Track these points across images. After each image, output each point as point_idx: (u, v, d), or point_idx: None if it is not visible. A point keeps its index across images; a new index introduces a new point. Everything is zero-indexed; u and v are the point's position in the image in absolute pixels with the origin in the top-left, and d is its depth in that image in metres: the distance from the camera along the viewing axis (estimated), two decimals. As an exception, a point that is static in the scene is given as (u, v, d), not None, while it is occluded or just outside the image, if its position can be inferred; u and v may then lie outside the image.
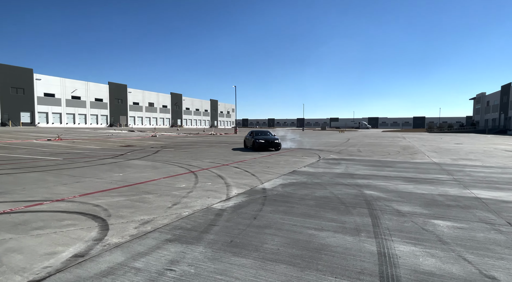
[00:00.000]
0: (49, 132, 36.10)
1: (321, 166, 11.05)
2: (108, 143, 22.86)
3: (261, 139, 17.58)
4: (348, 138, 35.03)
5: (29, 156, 13.28)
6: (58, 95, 65.31)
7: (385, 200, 5.87)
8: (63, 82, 66.78)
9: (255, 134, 19.13)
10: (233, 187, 7.07)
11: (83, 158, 13.05)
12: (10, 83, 56.35)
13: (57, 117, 65.82)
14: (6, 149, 16.18)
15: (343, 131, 72.67)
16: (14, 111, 57.38)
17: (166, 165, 11.03)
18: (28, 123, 59.52)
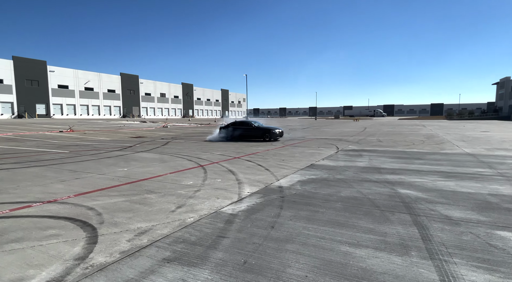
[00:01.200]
0: (62, 123, 36.28)
1: (341, 159, 10.09)
2: (119, 134, 22.51)
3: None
4: (364, 127, 33.58)
5: (36, 149, 12.90)
6: (71, 86, 65.84)
7: (427, 202, 4.92)
8: (76, 73, 67.18)
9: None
10: (246, 184, 6.27)
11: (90, 150, 12.56)
12: (25, 75, 57.04)
13: (71, 108, 66.57)
14: (16, 142, 15.95)
15: (357, 119, 70.48)
16: (30, 103, 58.27)
17: (175, 158, 10.34)
18: (44, 114, 60.44)
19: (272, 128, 16.99)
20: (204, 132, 25.54)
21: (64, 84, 64.32)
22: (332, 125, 41.17)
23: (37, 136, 19.57)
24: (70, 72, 65.90)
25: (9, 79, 55.02)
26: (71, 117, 64.58)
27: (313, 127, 34.48)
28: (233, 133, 17.45)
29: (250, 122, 18.05)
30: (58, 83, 63.03)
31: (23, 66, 56.76)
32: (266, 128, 17.01)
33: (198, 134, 23.14)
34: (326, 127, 33.51)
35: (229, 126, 17.90)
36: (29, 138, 18.20)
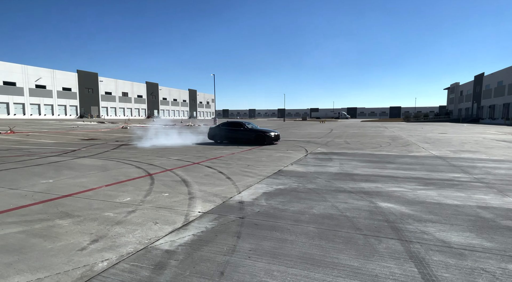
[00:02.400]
0: (5, 124, 32.08)
1: (311, 163, 9.23)
2: (68, 137, 19.99)
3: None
4: (331, 129, 33.71)
5: None
6: (19, 83, 59.63)
7: (415, 221, 4.09)
8: (25, 69, 60.97)
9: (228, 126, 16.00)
10: (199, 200, 5.06)
11: (20, 156, 10.50)
12: (-40, 69, 50.42)
13: (20, 107, 60.25)
14: None
15: (323, 121, 71.78)
16: (-32, 102, 51.57)
17: (121, 165, 8.79)
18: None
19: (267, 131, 15.37)
20: (168, 133, 23.69)
21: (11, 80, 58.00)
22: (300, 126, 41.07)
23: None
24: (18, 68, 59.66)
25: None
26: (19, 117, 58.30)
27: (282, 128, 33.94)
28: (224, 135, 15.73)
29: (243, 123, 16.12)
30: (3, 80, 56.68)
31: (-43, 59, 50.05)
32: (261, 131, 15.27)
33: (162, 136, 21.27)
34: (294, 129, 33.12)
35: (219, 126, 16.19)
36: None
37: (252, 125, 16.20)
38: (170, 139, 18.08)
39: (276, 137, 15.54)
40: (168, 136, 20.71)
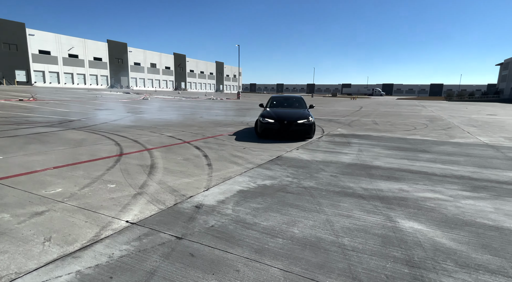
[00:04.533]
0: (37, 91, 33.03)
1: (322, 148, 7.53)
2: (86, 106, 19.65)
3: (273, 116, 8.81)
4: (360, 106, 30.84)
5: None
6: (54, 52, 61.28)
7: (459, 265, 2.42)
8: (59, 38, 62.28)
9: (271, 104, 10.36)
10: (144, 199, 3.73)
11: (9, 124, 9.85)
12: (2, 38, 52.33)
13: (55, 76, 62.45)
14: None
15: (355, 98, 67.10)
16: (9, 69, 54.09)
17: (102, 140, 7.72)
18: (24, 82, 56.51)
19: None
20: (182, 107, 22.69)
21: (45, 49, 59.70)
22: (328, 103, 38.33)
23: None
24: (52, 37, 60.99)
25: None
26: (54, 85, 60.69)
27: (306, 104, 31.75)
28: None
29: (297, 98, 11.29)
30: (38, 48, 58.40)
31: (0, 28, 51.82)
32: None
33: (173, 108, 20.34)
34: (319, 105, 30.71)
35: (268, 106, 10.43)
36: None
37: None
38: (181, 113, 16.97)
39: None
40: (181, 109, 19.64)
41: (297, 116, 8.74)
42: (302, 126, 8.52)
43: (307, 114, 8.95)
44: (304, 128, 8.56)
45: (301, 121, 8.54)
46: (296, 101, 10.73)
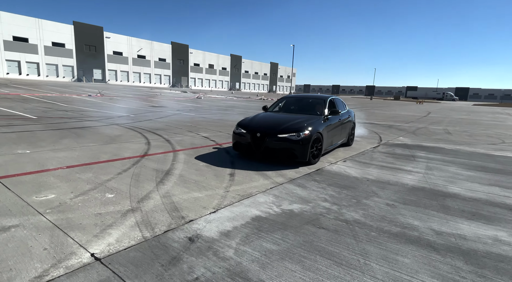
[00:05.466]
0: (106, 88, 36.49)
1: (377, 162, 6.09)
2: (143, 103, 20.66)
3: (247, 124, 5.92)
4: (428, 112, 27.14)
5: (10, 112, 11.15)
6: (125, 53, 67.40)
7: None
8: (130, 41, 68.35)
9: (275, 107, 7.44)
10: (134, 218, 2.98)
11: (63, 117, 10.36)
12: (84, 40, 59.30)
13: (125, 75, 68.71)
14: (19, 102, 14.68)
15: (421, 102, 60.15)
16: (88, 68, 61.11)
17: (135, 137, 7.42)
18: (100, 79, 63.35)
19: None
20: (231, 106, 22.47)
21: (118, 50, 65.99)
22: (388, 106, 34.82)
23: (57, 99, 18.49)
24: (124, 39, 67.17)
25: (70, 44, 57.62)
26: (124, 83, 66.86)
27: (363, 107, 29.06)
28: None
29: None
30: (113, 50, 64.84)
31: (82, 32, 58.82)
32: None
33: (219, 108, 20.20)
34: (379, 109, 27.87)
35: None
36: (45, 100, 17.06)
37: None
38: (227, 112, 16.57)
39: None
40: (228, 109, 19.34)
41: (283, 127, 5.44)
42: (284, 143, 5.25)
43: (304, 125, 5.49)
44: (287, 146, 5.25)
45: (283, 134, 5.27)
46: (313, 103, 6.96)
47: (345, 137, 7.35)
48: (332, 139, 6.46)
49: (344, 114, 7.35)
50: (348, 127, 7.49)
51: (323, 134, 5.75)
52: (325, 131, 5.88)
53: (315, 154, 5.61)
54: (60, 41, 55.77)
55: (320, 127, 5.74)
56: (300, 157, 5.30)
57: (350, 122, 7.66)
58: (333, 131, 6.40)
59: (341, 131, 6.95)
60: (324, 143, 5.86)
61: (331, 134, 6.31)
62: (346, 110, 7.64)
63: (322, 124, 5.92)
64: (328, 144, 6.21)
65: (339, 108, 7.09)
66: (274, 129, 5.45)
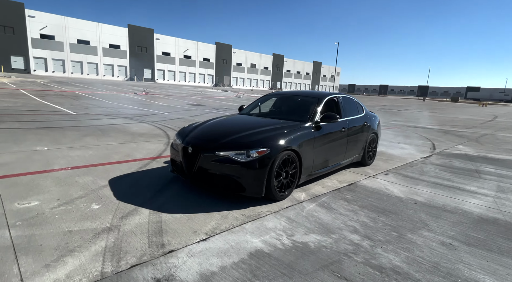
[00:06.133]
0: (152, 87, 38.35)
1: (428, 177, 4.91)
2: (182, 101, 21.03)
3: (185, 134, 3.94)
4: (494, 115, 23.61)
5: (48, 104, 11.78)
6: (173, 54, 70.57)
7: None
8: (177, 41, 71.39)
9: (254, 107, 5.62)
10: (102, 243, 2.42)
11: (105, 114, 10.61)
12: (137, 42, 63.27)
13: (172, 75, 72.02)
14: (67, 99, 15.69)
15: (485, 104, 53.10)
16: (139, 68, 65.14)
17: (160, 135, 7.12)
18: (149, 79, 67.21)
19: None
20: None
21: (166, 51, 69.29)
22: (444, 108, 31.26)
23: (105, 96, 19.58)
24: (172, 40, 70.33)
25: (124, 45, 61.86)
26: (171, 82, 70.14)
27: (414, 109, 26.34)
28: None
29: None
30: (162, 50, 68.27)
31: (135, 34, 62.81)
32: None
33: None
34: (433, 111, 25.02)
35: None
36: (93, 97, 18.15)
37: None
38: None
39: None
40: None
41: (227, 140, 3.54)
42: (224, 166, 3.34)
43: (262, 138, 3.52)
44: (228, 171, 3.33)
45: (225, 151, 3.38)
46: (299, 104, 4.91)
47: (356, 153, 5.17)
48: (328, 158, 4.31)
49: (356, 121, 5.12)
50: (362, 138, 5.23)
51: (302, 151, 3.70)
52: (308, 146, 3.82)
53: (284, 184, 3.54)
54: (116, 43, 60.13)
55: (296, 141, 3.64)
56: (249, 189, 3.28)
57: (366, 132, 5.35)
58: (328, 145, 4.28)
59: (347, 145, 4.77)
60: (307, 164, 3.85)
61: (325, 150, 4.20)
62: (361, 115, 5.41)
63: (302, 135, 3.79)
64: (319, 165, 4.13)
65: (345, 111, 4.93)
66: (214, 142, 3.45)
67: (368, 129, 5.45)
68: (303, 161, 3.77)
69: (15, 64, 47.42)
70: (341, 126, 4.61)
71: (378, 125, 5.96)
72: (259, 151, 3.30)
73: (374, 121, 5.79)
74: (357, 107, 5.52)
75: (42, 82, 28.70)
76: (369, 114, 5.77)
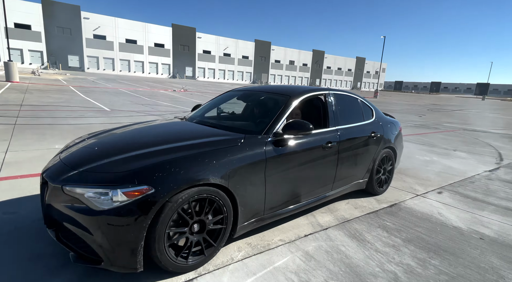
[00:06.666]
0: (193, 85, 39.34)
1: (496, 199, 3.84)
2: (208, 98, 21.06)
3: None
4: None
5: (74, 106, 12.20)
6: (213, 52, 72.03)
7: None
8: (217, 40, 72.67)
9: (208, 108, 3.63)
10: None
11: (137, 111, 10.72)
12: (180, 41, 65.59)
13: (211, 72, 73.63)
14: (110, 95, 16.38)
15: (560, 105, 45.89)
16: (181, 66, 67.49)
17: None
18: (190, 76, 69.41)
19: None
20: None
21: (207, 49, 70.90)
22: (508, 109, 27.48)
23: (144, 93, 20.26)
24: (213, 39, 71.73)
25: (168, 44, 64.49)
26: (210, 80, 71.77)
27: (470, 109, 23.42)
28: None
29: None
30: (203, 49, 70.01)
31: (178, 33, 65.14)
32: None
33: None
34: (494, 112, 21.99)
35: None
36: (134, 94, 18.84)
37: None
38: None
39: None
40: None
41: (93, 166, 2.04)
42: (71, 211, 1.86)
43: (157, 164, 2.00)
44: (76, 222, 1.84)
45: (75, 186, 1.89)
46: (259, 106, 3.39)
47: (356, 179, 3.53)
48: (298, 190, 2.79)
49: (356, 130, 3.44)
50: (367, 156, 3.56)
51: (237, 184, 2.24)
52: (252, 175, 2.34)
53: (202, 244, 2.15)
54: (160, 42, 62.88)
55: (224, 168, 2.17)
56: (110, 260, 1.83)
57: (375, 146, 3.65)
58: (299, 170, 2.72)
59: (338, 168, 3.15)
60: (253, 204, 2.42)
61: (292, 177, 2.68)
62: (367, 121, 3.71)
63: (243, 157, 2.30)
64: (279, 202, 2.65)
65: (336, 117, 3.25)
66: (70, 169, 2.05)
67: (379, 141, 3.68)
68: (242, 201, 2.28)
69: (71, 63, 51.84)
70: (325, 140, 2.95)
71: (397, 136, 4.13)
72: (131, 191, 1.80)
73: (389, 130, 3.97)
74: (362, 109, 3.75)
75: (92, 79, 30.75)
76: (383, 120, 3.98)
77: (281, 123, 2.67)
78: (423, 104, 29.25)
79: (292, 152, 2.64)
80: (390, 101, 33.04)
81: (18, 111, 8.52)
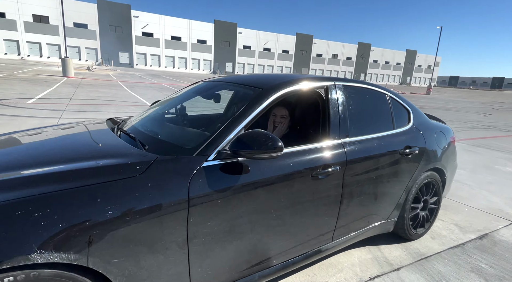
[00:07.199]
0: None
1: None
2: None
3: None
4: None
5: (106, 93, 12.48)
6: (253, 47, 72.05)
7: None
8: (258, 34, 72.51)
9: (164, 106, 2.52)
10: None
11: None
12: (221, 37, 66.60)
13: (251, 67, 73.77)
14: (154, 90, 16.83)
15: None
16: (222, 62, 68.56)
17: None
18: (230, 72, 70.28)
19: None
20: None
21: (247, 44, 71.06)
22: None
23: (180, 88, 20.61)
24: (253, 33, 71.68)
25: (210, 40, 65.82)
26: (249, 75, 71.94)
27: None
28: None
29: None
30: (243, 44, 70.33)
31: (220, 29, 66.13)
32: None
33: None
34: None
35: None
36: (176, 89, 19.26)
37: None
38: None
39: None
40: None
41: None
42: None
43: None
44: None
45: None
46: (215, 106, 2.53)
47: (379, 219, 2.31)
48: (262, 246, 1.64)
49: (378, 144, 2.14)
50: (399, 184, 2.30)
51: (109, 266, 1.14)
52: (142, 237, 1.22)
53: None
54: (203, 39, 64.32)
55: (81, 232, 1.07)
56: None
57: (410, 166, 2.33)
58: (257, 219, 1.57)
59: (343, 205, 1.95)
60: None
61: (251, 226, 1.56)
62: (400, 129, 2.37)
63: (128, 202, 1.19)
64: (212, 278, 1.49)
65: (343, 124, 2.00)
66: None
67: (417, 160, 2.37)
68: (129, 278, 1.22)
69: (122, 59, 55.26)
70: (320, 162, 1.79)
71: (447, 151, 2.71)
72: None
73: (436, 142, 2.59)
74: (391, 111, 2.41)
75: (139, 75, 32.27)
76: (424, 126, 2.60)
77: (233, 136, 1.54)
78: (485, 101, 25.99)
79: (249, 187, 1.50)
80: (445, 97, 29.92)
81: (67, 105, 8.85)
